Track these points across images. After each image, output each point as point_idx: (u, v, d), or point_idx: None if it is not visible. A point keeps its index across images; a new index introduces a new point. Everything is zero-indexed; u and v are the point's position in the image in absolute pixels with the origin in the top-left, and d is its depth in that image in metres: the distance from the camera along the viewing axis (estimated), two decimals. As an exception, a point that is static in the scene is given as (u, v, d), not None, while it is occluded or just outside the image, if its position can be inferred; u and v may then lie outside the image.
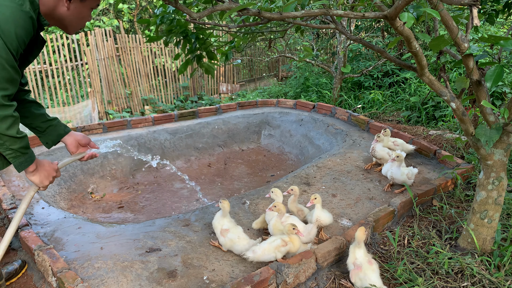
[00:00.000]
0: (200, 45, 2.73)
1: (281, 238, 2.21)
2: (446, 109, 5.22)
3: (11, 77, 1.49)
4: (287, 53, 7.27)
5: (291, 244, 2.19)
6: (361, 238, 2.16)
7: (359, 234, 2.16)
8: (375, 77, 6.96)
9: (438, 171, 3.46)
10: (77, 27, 1.79)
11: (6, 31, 1.43)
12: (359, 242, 2.16)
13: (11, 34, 1.45)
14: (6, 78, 1.47)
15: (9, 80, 1.49)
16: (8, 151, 1.60)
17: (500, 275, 2.19)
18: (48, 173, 1.84)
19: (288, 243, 2.19)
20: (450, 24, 1.96)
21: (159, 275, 2.13)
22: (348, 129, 4.61)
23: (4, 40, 1.44)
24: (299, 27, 2.81)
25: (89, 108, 8.00)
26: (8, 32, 1.44)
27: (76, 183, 3.97)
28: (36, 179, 1.80)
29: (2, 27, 1.43)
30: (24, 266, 2.33)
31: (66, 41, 7.99)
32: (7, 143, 1.57)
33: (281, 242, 2.19)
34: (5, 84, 1.48)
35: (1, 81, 1.46)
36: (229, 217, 2.43)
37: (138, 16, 12.11)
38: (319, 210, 2.49)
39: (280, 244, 2.18)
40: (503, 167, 2.27)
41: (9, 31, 1.44)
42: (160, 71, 9.85)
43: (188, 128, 4.98)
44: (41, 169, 1.81)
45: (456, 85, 2.33)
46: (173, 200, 3.96)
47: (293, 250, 2.21)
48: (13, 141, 1.58)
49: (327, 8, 1.95)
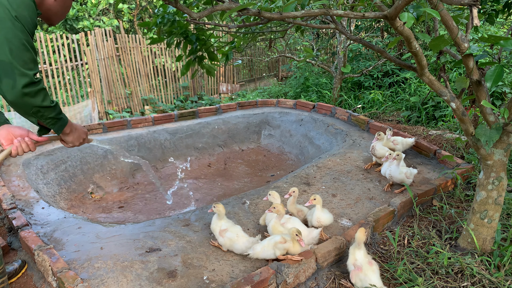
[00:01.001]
0: (200, 46, 2.73)
1: (282, 236, 2.21)
2: (446, 109, 5.22)
3: (33, 58, 1.65)
4: (287, 53, 7.26)
5: (290, 243, 2.19)
6: (361, 239, 2.15)
7: (359, 235, 2.15)
8: (375, 77, 6.96)
9: (438, 171, 3.46)
10: (61, 18, 1.93)
11: (21, 15, 1.59)
12: (359, 243, 2.16)
13: (26, 18, 1.61)
14: (31, 58, 1.64)
15: (34, 60, 1.65)
16: (48, 119, 1.80)
17: (500, 275, 2.19)
18: (79, 135, 2.06)
19: (288, 241, 2.19)
20: (450, 24, 1.96)
21: (159, 275, 2.13)
22: (348, 129, 4.61)
23: (22, 23, 1.59)
24: (299, 27, 2.81)
25: (89, 108, 7.99)
26: (23, 17, 1.60)
27: (76, 183, 3.97)
28: (69, 139, 2.02)
29: (18, 12, 1.58)
30: (24, 266, 2.33)
31: (66, 41, 7.98)
32: (46, 113, 1.76)
33: (281, 239, 2.19)
34: (31, 64, 1.64)
35: (28, 62, 1.62)
36: (226, 219, 2.43)
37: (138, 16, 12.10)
38: (319, 211, 2.49)
39: (278, 240, 2.18)
40: (503, 167, 2.27)
41: (24, 16, 1.60)
42: (160, 71, 9.85)
43: (188, 128, 4.98)
44: (74, 131, 2.03)
45: (456, 85, 2.33)
46: (173, 200, 3.96)
47: (292, 251, 2.21)
48: (50, 111, 1.77)
49: (327, 8, 1.95)
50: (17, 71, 1.59)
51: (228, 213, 2.81)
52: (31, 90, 1.64)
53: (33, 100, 1.67)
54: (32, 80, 1.63)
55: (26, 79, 1.61)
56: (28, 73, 1.62)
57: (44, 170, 3.75)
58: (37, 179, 3.59)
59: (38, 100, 1.69)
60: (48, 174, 3.76)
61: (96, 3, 10.96)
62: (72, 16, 10.56)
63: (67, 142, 2.04)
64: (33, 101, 1.67)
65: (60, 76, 7.83)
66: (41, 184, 3.58)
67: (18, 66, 1.59)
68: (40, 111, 1.73)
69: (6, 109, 7.04)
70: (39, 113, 1.74)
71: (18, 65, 1.59)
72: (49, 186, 3.65)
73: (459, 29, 2.02)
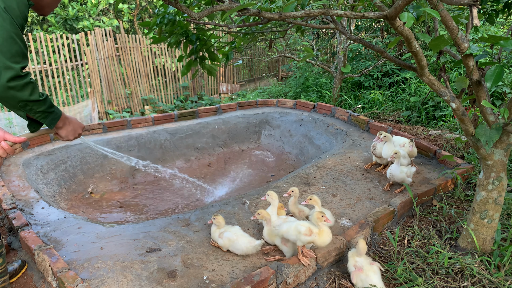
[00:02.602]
0: (201, 46, 2.73)
1: (309, 227, 2.10)
2: (446, 109, 5.22)
3: (22, 51, 1.62)
4: (287, 53, 7.26)
5: (316, 236, 2.09)
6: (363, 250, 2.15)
7: (362, 245, 2.14)
8: (375, 77, 6.96)
9: (438, 171, 3.46)
10: (53, 8, 1.92)
11: (10, 7, 1.58)
12: (360, 254, 2.16)
13: (16, 10, 1.59)
14: (19, 51, 1.61)
15: (21, 53, 1.62)
16: (37, 114, 1.76)
17: (500, 275, 2.19)
18: (74, 129, 2.01)
19: (314, 234, 2.09)
20: (450, 24, 1.96)
21: (159, 275, 2.13)
22: (348, 129, 4.61)
23: (11, 15, 1.57)
24: (299, 27, 2.80)
25: (89, 108, 7.99)
26: (12, 9, 1.58)
27: (76, 183, 3.97)
28: (63, 133, 1.97)
29: (7, 4, 1.56)
30: (24, 266, 2.33)
31: (66, 41, 7.98)
32: (34, 107, 1.72)
33: (305, 230, 2.09)
34: (18, 58, 1.60)
35: (15, 55, 1.59)
36: (225, 227, 2.43)
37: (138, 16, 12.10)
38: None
39: (303, 232, 2.08)
40: (503, 167, 2.27)
41: (13, 8, 1.58)
42: (160, 71, 9.85)
43: (188, 128, 4.98)
44: (68, 124, 1.97)
45: (456, 85, 2.33)
46: (173, 200, 3.96)
47: (317, 243, 2.11)
48: (39, 104, 1.73)
49: (327, 8, 1.95)
50: (2, 64, 1.55)
51: (228, 213, 2.81)
52: (17, 84, 1.61)
53: (19, 94, 1.63)
54: (18, 74, 1.59)
55: (11, 73, 1.57)
56: (13, 67, 1.58)
57: (44, 170, 3.75)
58: (37, 179, 3.59)
59: (26, 94, 1.65)
60: (48, 174, 3.76)
61: (96, 3, 10.96)
62: (72, 16, 10.56)
63: (61, 136, 1.99)
64: (20, 95, 1.64)
65: (60, 76, 7.83)
66: (41, 184, 3.58)
67: (4, 59, 1.55)
68: (28, 105, 1.69)
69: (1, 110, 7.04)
70: (27, 107, 1.70)
71: (4, 58, 1.55)
72: (49, 186, 3.65)
73: (459, 29, 2.02)
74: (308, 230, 2.09)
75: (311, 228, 2.11)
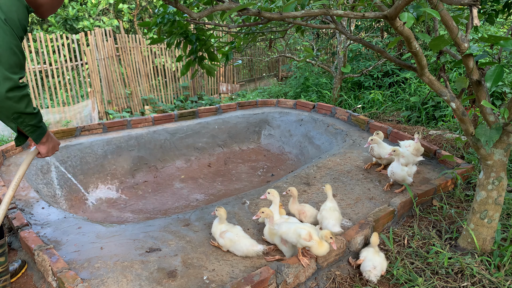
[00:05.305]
0: (200, 46, 2.73)
1: (309, 231, 2.12)
2: (446, 109, 5.22)
3: (20, 62, 1.65)
4: (287, 53, 7.26)
5: (315, 244, 2.13)
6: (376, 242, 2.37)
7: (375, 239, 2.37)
8: (375, 77, 6.95)
9: (438, 171, 3.46)
10: (54, 11, 1.94)
11: (11, 19, 1.59)
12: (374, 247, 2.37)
13: (16, 22, 1.61)
14: (17, 62, 1.63)
15: (19, 64, 1.64)
16: (28, 127, 1.79)
17: (500, 275, 2.19)
18: (54, 147, 2.06)
19: (313, 241, 2.12)
20: (450, 24, 1.96)
21: (159, 275, 2.13)
22: (348, 129, 4.61)
23: (11, 27, 1.59)
24: (299, 27, 2.80)
25: (89, 108, 7.99)
26: (13, 21, 1.60)
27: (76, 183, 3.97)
28: (44, 149, 1.99)
29: (7, 16, 1.58)
30: (24, 266, 2.33)
31: (66, 41, 7.98)
32: (26, 120, 1.74)
33: (305, 235, 2.11)
34: (16, 69, 1.62)
35: (14, 66, 1.61)
36: (227, 223, 2.43)
37: (138, 16, 12.11)
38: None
39: (303, 235, 2.11)
40: (503, 167, 2.27)
41: (13, 19, 1.60)
42: (160, 71, 9.84)
43: (188, 128, 4.98)
44: (50, 141, 2.01)
45: (456, 85, 2.33)
46: (173, 200, 3.96)
47: (314, 250, 2.15)
48: (31, 118, 1.76)
49: (327, 8, 1.95)
50: (1, 74, 1.57)
51: (228, 213, 2.81)
52: (15, 95, 1.62)
53: (16, 105, 1.65)
54: (16, 85, 1.61)
55: (10, 83, 1.59)
56: (12, 77, 1.60)
57: (44, 170, 3.75)
58: (37, 179, 3.59)
59: (22, 106, 1.67)
60: (48, 174, 3.76)
61: (96, 3, 10.96)
62: (72, 16, 10.56)
63: (41, 151, 2.00)
64: (16, 107, 1.65)
65: (60, 76, 7.83)
66: (41, 184, 3.58)
67: (3, 70, 1.57)
68: (21, 117, 1.71)
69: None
70: (20, 119, 1.71)
71: (3, 69, 1.57)
72: (49, 186, 3.65)
73: (459, 29, 2.02)
74: (308, 235, 2.12)
75: (311, 233, 2.14)
